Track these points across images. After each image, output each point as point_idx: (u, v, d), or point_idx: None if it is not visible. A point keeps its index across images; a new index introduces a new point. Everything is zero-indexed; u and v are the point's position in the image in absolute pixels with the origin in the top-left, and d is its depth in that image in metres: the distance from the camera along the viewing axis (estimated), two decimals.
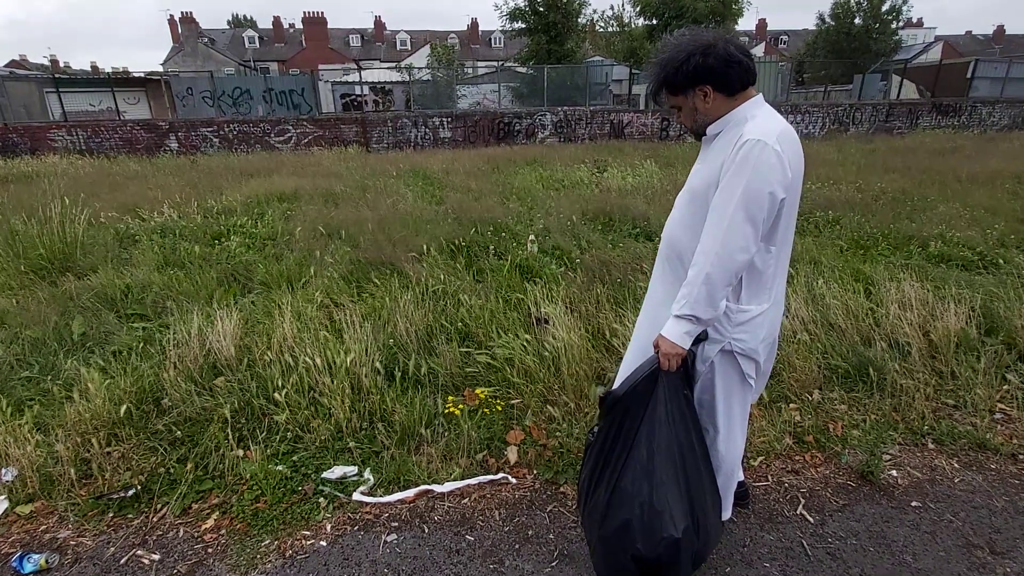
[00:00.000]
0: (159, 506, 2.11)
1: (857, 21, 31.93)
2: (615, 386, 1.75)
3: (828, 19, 33.11)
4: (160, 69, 35.74)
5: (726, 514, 1.84)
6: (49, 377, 2.78)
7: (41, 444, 2.30)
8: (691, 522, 1.50)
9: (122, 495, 2.13)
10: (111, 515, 2.07)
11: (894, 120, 17.91)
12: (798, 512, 2.05)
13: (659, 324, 1.53)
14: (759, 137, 1.33)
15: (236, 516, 2.05)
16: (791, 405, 2.60)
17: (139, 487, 2.16)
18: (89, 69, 46.53)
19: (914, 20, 44.20)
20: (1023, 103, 18.61)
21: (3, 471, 2.21)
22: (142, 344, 3.00)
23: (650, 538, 1.47)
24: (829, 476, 2.23)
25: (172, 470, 2.23)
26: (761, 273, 1.49)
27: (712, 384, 1.62)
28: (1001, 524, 1.96)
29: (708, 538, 1.62)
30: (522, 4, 22.61)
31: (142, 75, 18.88)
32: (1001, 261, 4.09)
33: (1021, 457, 2.29)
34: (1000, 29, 50.90)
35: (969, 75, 19.19)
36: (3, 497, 2.13)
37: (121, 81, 17.84)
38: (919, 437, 2.43)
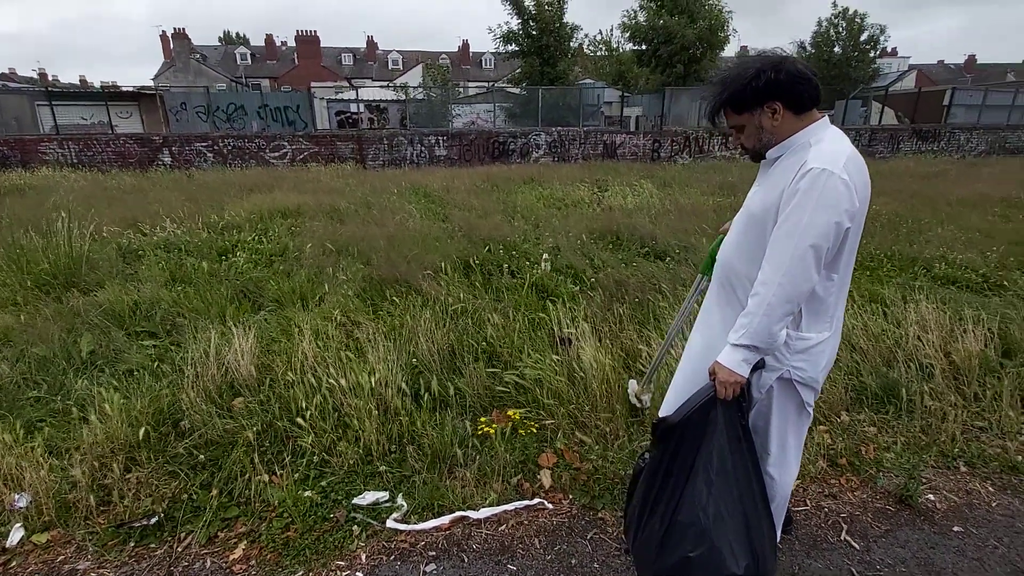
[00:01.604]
0: (183, 535, 2.01)
1: (837, 50, 33.00)
2: (664, 411, 1.72)
3: (809, 47, 34.18)
4: (150, 84, 35.62)
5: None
6: (59, 397, 2.68)
7: (55, 468, 2.20)
8: (751, 559, 1.46)
9: (144, 523, 2.03)
10: (132, 545, 1.97)
11: (876, 145, 18.45)
12: (842, 538, 2.02)
13: (715, 349, 1.51)
14: (825, 165, 1.30)
15: (265, 545, 1.97)
16: (821, 427, 2.59)
17: (162, 514, 2.06)
18: (78, 83, 46.22)
19: (889, 49, 45.86)
20: (999, 130, 19.30)
21: (16, 497, 2.10)
22: (156, 363, 2.91)
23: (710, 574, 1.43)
24: (867, 500, 2.22)
25: (195, 496, 2.14)
26: (823, 301, 1.46)
27: (768, 410, 1.60)
28: None
29: (767, 573, 1.58)
30: (515, 27, 23.00)
31: (134, 89, 18.76)
32: (1006, 283, 4.18)
33: None
34: (971, 59, 53.08)
35: (946, 102, 19.92)
36: (19, 525, 2.02)
37: (115, 95, 17.69)
38: (951, 460, 2.43)
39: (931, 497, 2.22)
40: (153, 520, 2.04)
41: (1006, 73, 45.93)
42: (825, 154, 1.34)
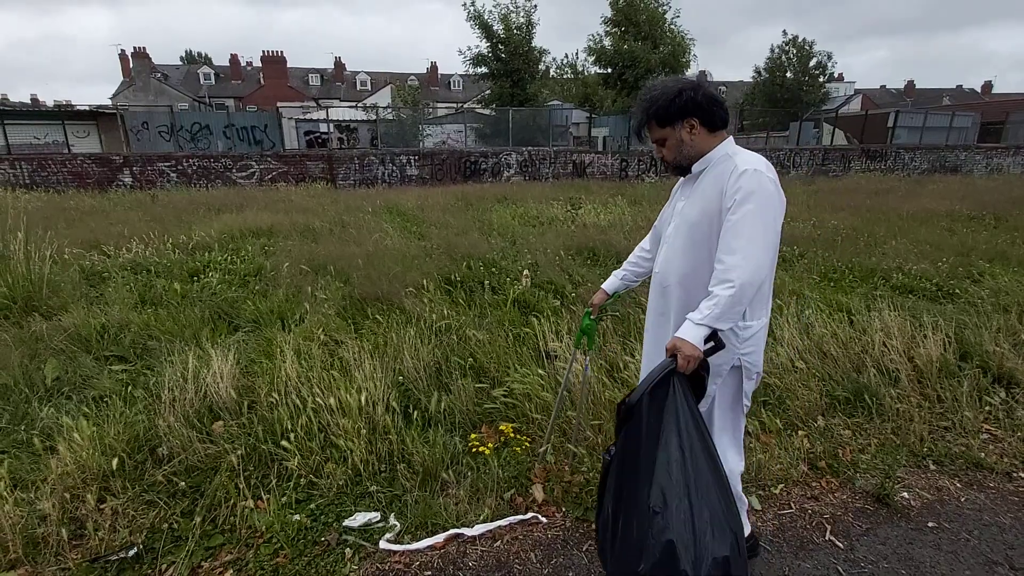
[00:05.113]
0: (164, 566, 1.92)
1: (789, 75, 34.86)
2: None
3: (763, 72, 35.99)
4: (108, 103, 34.57)
5: (745, 530, 1.81)
6: (22, 426, 2.54)
7: (21, 502, 2.08)
8: (733, 538, 1.38)
9: (122, 556, 1.94)
10: None
11: (830, 164, 19.45)
12: (827, 538, 2.09)
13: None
14: (756, 167, 1.48)
15: (253, 573, 1.89)
16: (800, 432, 2.68)
17: (140, 546, 1.97)
18: (29, 102, 44.49)
19: (836, 75, 48.63)
20: (940, 149, 20.64)
21: None
22: (128, 388, 2.80)
23: (700, 558, 1.32)
24: (847, 501, 2.30)
25: (176, 525, 2.05)
26: (760, 289, 1.57)
27: (711, 398, 1.67)
28: (1013, 540, 2.06)
29: (745, 559, 1.46)
30: (485, 51, 23.44)
31: (88, 108, 18.09)
32: (958, 291, 4.44)
33: (1015, 475, 2.43)
34: (911, 83, 56.73)
35: (891, 124, 21.24)
36: None
37: (72, 114, 17.08)
38: (921, 459, 2.55)
39: (905, 495, 2.32)
40: (132, 552, 1.95)
41: (942, 97, 49.29)
42: (750, 159, 1.52)
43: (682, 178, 1.73)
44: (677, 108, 1.54)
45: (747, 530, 1.88)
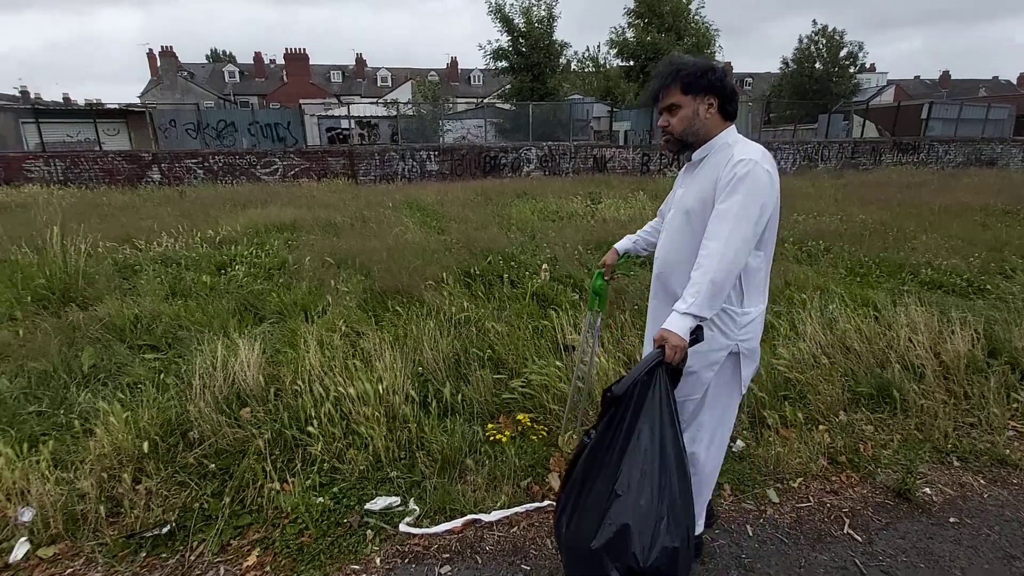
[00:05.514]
0: (195, 543, 2.01)
1: (818, 66, 34.01)
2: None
3: (791, 63, 35.19)
4: (137, 101, 35.52)
5: (697, 528, 1.78)
6: (62, 410, 2.67)
7: (61, 481, 2.19)
8: (684, 532, 1.42)
9: (156, 533, 2.03)
10: (144, 555, 1.97)
11: (859, 157, 18.94)
12: (845, 531, 2.08)
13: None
14: (751, 157, 1.50)
15: (280, 552, 1.97)
16: (821, 427, 2.66)
17: (173, 524, 2.06)
18: (61, 101, 45.94)
19: (868, 65, 47.12)
20: (975, 142, 19.93)
21: (20, 511, 2.09)
22: (160, 375, 2.91)
23: (651, 545, 1.36)
24: (867, 495, 2.28)
25: (207, 505, 2.14)
26: (756, 275, 1.60)
27: (708, 384, 1.66)
28: None
29: (693, 553, 1.51)
30: (506, 45, 23.41)
31: (118, 106, 18.61)
32: (989, 287, 4.32)
33: None
34: (946, 74, 54.74)
35: (924, 116, 20.56)
36: (23, 539, 2.00)
37: (103, 112, 17.64)
38: (944, 455, 2.51)
39: (927, 491, 2.29)
40: (165, 530, 2.04)
41: (979, 88, 47.48)
42: (749, 149, 1.54)
43: (684, 167, 1.74)
44: (707, 81, 1.56)
45: (698, 529, 1.83)
